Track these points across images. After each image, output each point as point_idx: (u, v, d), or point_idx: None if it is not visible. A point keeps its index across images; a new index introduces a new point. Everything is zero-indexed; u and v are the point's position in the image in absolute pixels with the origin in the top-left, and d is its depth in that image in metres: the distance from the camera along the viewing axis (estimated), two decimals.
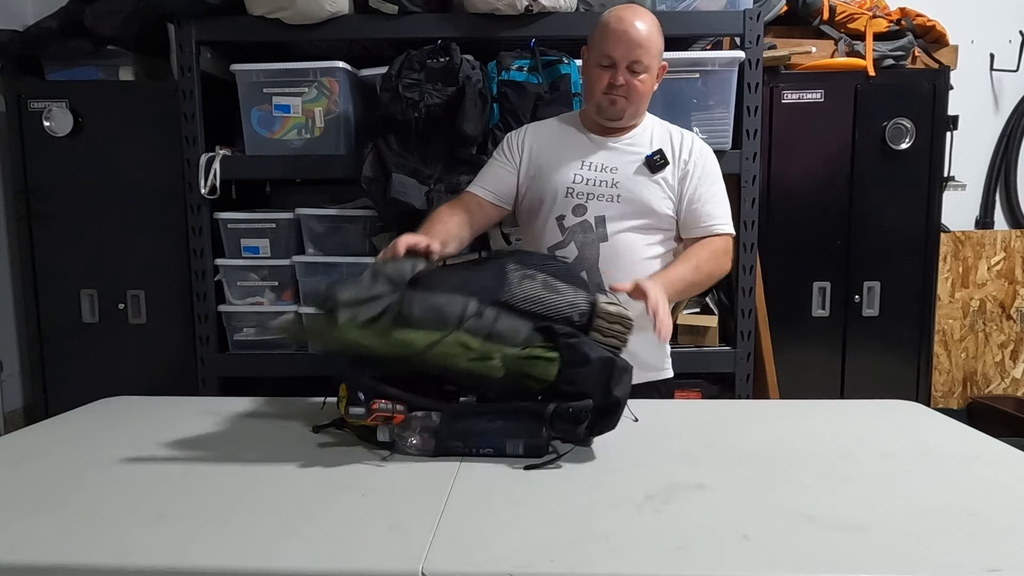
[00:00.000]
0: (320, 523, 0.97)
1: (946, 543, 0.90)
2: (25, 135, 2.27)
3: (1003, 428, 2.72)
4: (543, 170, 1.67)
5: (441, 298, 1.25)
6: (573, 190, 1.64)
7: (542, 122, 1.80)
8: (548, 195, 1.65)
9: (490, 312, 1.24)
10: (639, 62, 1.56)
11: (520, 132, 1.76)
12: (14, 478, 1.16)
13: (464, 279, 1.30)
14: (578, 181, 1.64)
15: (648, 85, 1.61)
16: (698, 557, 0.86)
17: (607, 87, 1.58)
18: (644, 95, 1.61)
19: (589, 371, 1.17)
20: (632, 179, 1.63)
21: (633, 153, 1.65)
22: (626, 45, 1.55)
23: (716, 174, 1.69)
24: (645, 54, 1.56)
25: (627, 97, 1.59)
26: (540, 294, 1.26)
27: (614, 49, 1.56)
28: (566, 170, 1.65)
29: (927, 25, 2.48)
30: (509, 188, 1.71)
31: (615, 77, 1.57)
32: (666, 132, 1.70)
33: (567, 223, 1.64)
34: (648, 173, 1.64)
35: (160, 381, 2.32)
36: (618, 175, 1.63)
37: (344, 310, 1.21)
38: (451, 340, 1.19)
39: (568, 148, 1.68)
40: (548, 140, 1.72)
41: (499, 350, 1.20)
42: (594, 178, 1.64)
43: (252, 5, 2.05)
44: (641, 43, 1.55)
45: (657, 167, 1.63)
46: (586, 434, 1.22)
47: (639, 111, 1.66)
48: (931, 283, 2.43)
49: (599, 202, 1.63)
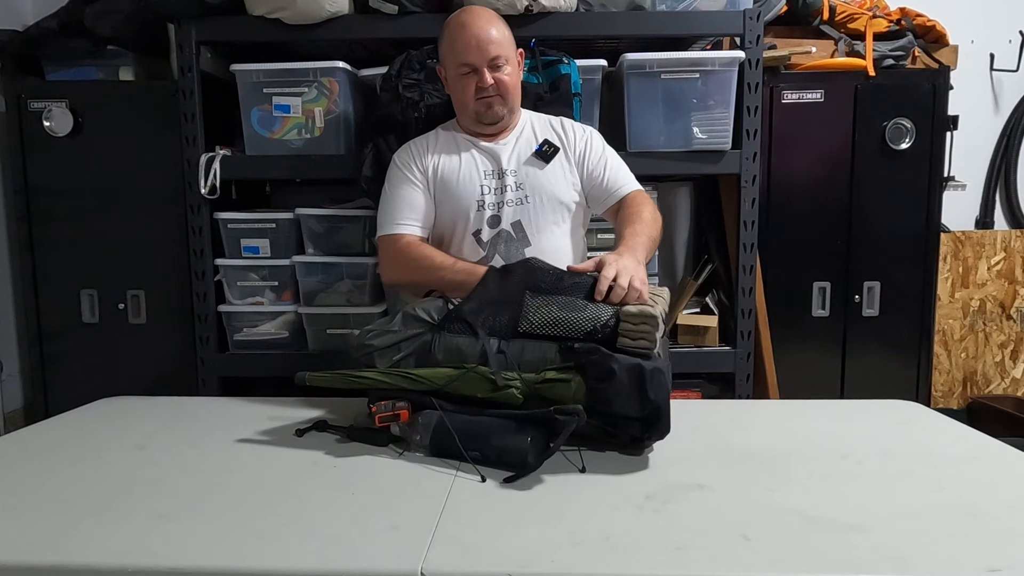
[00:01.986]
0: (320, 523, 0.97)
1: (946, 543, 0.90)
2: (25, 135, 2.27)
3: (1003, 428, 2.72)
4: (448, 188, 1.64)
5: (463, 340, 1.28)
6: (483, 202, 1.63)
7: (423, 137, 1.75)
8: (459, 213, 1.63)
9: (515, 346, 1.25)
10: (498, 57, 1.57)
11: (412, 151, 1.69)
12: (14, 478, 1.16)
13: (485, 319, 1.30)
14: (486, 192, 1.63)
15: (514, 77, 1.62)
16: (698, 557, 0.86)
17: (477, 92, 1.58)
18: (514, 87, 1.62)
19: (616, 384, 1.14)
20: (532, 175, 1.64)
21: (524, 151, 1.66)
22: (478, 48, 1.56)
23: (604, 144, 1.73)
24: (500, 48, 1.58)
25: (500, 95, 1.60)
26: (558, 316, 1.25)
27: (468, 55, 1.57)
28: (470, 185, 1.63)
29: (927, 25, 2.48)
30: (431, 213, 1.66)
31: (481, 80, 1.57)
32: (545, 122, 1.72)
33: (485, 237, 1.63)
34: (542, 164, 1.64)
35: (160, 381, 2.31)
36: (519, 176, 1.64)
37: (381, 358, 1.29)
38: (470, 376, 1.21)
39: (464, 161, 1.66)
40: (443, 155, 1.68)
41: (517, 378, 1.20)
42: (498, 185, 1.64)
43: (252, 5, 2.05)
44: (492, 39, 1.57)
45: (549, 156, 1.64)
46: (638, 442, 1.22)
47: (515, 105, 1.66)
48: (931, 283, 2.43)
49: (510, 208, 1.62)
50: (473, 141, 1.69)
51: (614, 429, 1.21)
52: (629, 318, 1.20)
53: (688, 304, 2.35)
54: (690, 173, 2.21)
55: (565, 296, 1.29)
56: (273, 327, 2.23)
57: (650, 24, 2.07)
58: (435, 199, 1.66)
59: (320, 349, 2.21)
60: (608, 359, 1.16)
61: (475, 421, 1.20)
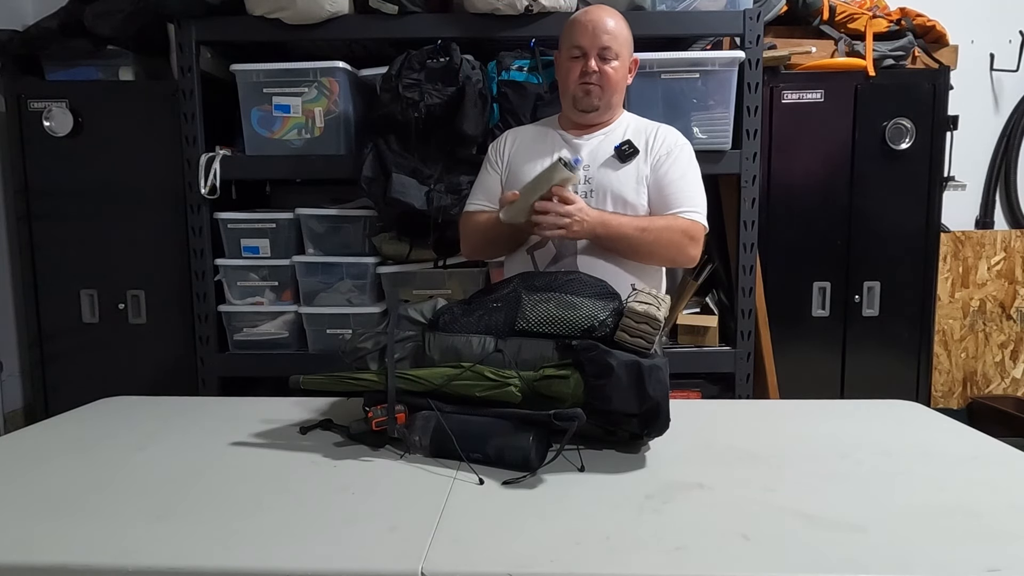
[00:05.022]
0: (320, 523, 0.97)
1: (946, 543, 0.90)
2: (25, 135, 2.27)
3: (1003, 428, 2.72)
4: (517, 173, 1.67)
5: (459, 339, 1.28)
6: None
7: (522, 127, 1.81)
8: None
9: (512, 344, 1.25)
10: (608, 48, 1.59)
11: (501, 138, 1.77)
12: (14, 478, 1.16)
13: (480, 316, 1.30)
14: None
15: (620, 74, 1.63)
16: (698, 557, 0.86)
17: (580, 76, 1.61)
18: (617, 84, 1.63)
19: (615, 381, 1.14)
20: (602, 171, 1.63)
21: (605, 147, 1.66)
22: (593, 33, 1.59)
23: (691, 164, 1.68)
24: (613, 40, 1.60)
25: (600, 85, 1.61)
26: (555, 314, 1.25)
27: (582, 38, 1.60)
28: (538, 169, 1.62)
29: (927, 25, 2.48)
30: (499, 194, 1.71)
31: (586, 65, 1.60)
32: (643, 126, 1.71)
33: None
34: (618, 164, 1.64)
35: (160, 381, 2.32)
36: (590, 170, 1.64)
37: (373, 361, 1.29)
38: (468, 374, 1.21)
39: (540, 147, 1.69)
40: (525, 143, 1.72)
41: (515, 376, 1.20)
42: None
43: (252, 5, 2.05)
44: (608, 30, 1.59)
45: (627, 156, 1.63)
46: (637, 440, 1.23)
47: (613, 102, 1.65)
48: (931, 283, 2.43)
49: None
50: (564, 135, 1.69)
51: (613, 427, 1.21)
52: (632, 316, 1.20)
53: (688, 304, 2.35)
54: None
55: (562, 294, 1.29)
56: (273, 327, 2.23)
57: (650, 24, 2.08)
58: (507, 182, 1.69)
59: (320, 349, 2.21)
60: (606, 355, 1.16)
61: (474, 421, 1.20)
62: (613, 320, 1.22)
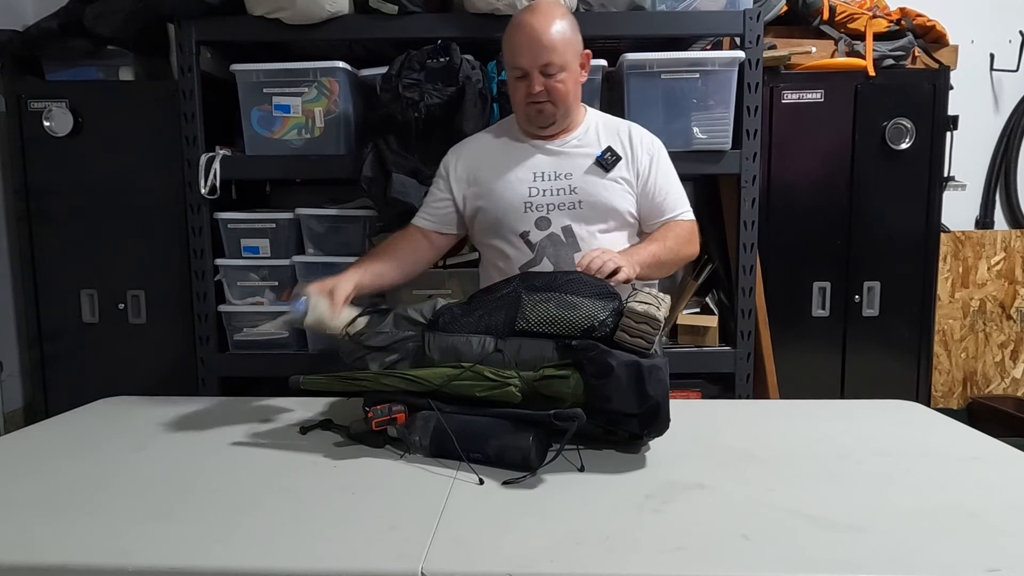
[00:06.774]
0: (320, 523, 0.97)
1: (946, 543, 0.90)
2: (25, 135, 2.27)
3: (1003, 428, 2.72)
4: (491, 188, 1.62)
5: (459, 339, 1.28)
6: (531, 204, 1.59)
7: (472, 138, 1.76)
8: (505, 213, 1.60)
9: (512, 344, 1.25)
10: (550, 64, 1.50)
11: (449, 156, 1.72)
12: (14, 478, 1.16)
13: (479, 316, 1.30)
14: (535, 194, 1.59)
15: (570, 83, 1.54)
16: (698, 557, 0.86)
17: (527, 97, 1.54)
18: (568, 94, 1.55)
19: (615, 381, 1.14)
20: (589, 182, 1.59)
21: (583, 155, 1.62)
22: (531, 51, 1.50)
23: (668, 162, 1.68)
24: (554, 54, 1.49)
25: (551, 101, 1.54)
26: (556, 314, 1.25)
27: (520, 58, 1.52)
28: (518, 184, 1.60)
29: (927, 25, 2.48)
30: (448, 215, 1.69)
31: (531, 86, 1.52)
32: (612, 127, 1.67)
33: (534, 239, 1.59)
34: (603, 173, 1.60)
35: (160, 381, 2.31)
36: (574, 180, 1.59)
37: (373, 361, 1.30)
38: (468, 374, 1.21)
39: (512, 160, 1.63)
40: (487, 156, 1.66)
41: (515, 376, 1.20)
42: (550, 187, 1.60)
43: (252, 5, 2.05)
44: (546, 44, 1.48)
45: (610, 165, 1.60)
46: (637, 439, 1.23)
47: (569, 111, 1.60)
48: (931, 283, 2.43)
49: (561, 211, 1.59)
50: (526, 139, 1.65)
51: (613, 427, 1.21)
52: (632, 316, 1.20)
53: (688, 304, 2.35)
54: (690, 173, 2.20)
55: (562, 294, 1.29)
56: (273, 327, 2.23)
57: (650, 24, 2.07)
58: (475, 198, 1.64)
59: (320, 349, 2.21)
60: (606, 355, 1.16)
61: (474, 421, 1.20)
62: (613, 320, 1.22)
